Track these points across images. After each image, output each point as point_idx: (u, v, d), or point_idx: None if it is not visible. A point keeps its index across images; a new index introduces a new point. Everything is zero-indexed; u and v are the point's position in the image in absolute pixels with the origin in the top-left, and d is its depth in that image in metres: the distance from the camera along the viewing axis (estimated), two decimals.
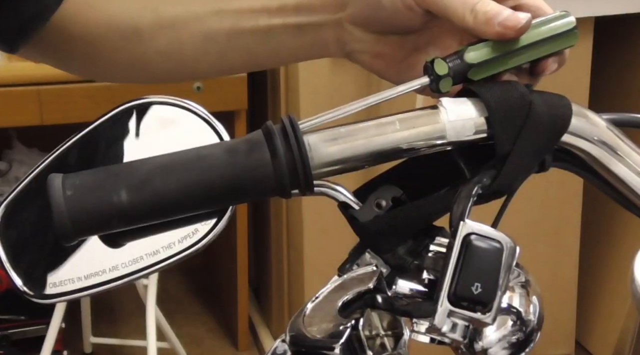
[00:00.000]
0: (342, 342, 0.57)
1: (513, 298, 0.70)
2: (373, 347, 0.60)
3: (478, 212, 0.63)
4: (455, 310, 0.53)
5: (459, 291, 0.53)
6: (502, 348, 0.68)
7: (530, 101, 0.57)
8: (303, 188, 0.56)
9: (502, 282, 0.53)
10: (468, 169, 0.59)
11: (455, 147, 0.58)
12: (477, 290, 0.53)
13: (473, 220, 0.54)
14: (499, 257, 0.53)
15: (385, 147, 0.57)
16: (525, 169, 0.57)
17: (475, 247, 0.53)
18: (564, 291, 2.43)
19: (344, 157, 0.56)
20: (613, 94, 2.41)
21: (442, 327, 0.53)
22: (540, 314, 0.68)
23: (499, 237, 0.54)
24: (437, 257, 0.56)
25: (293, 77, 2.19)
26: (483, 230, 0.54)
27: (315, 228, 2.23)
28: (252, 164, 0.55)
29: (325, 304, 0.60)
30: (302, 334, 0.59)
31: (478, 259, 0.53)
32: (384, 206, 0.59)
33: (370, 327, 0.61)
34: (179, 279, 2.93)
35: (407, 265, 0.58)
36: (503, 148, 0.56)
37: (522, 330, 0.69)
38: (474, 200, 0.56)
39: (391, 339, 0.61)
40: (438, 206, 0.59)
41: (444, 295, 0.53)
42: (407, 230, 0.59)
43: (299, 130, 0.55)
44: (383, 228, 0.59)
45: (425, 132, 0.57)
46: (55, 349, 2.16)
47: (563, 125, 0.58)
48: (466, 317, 0.53)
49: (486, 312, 0.53)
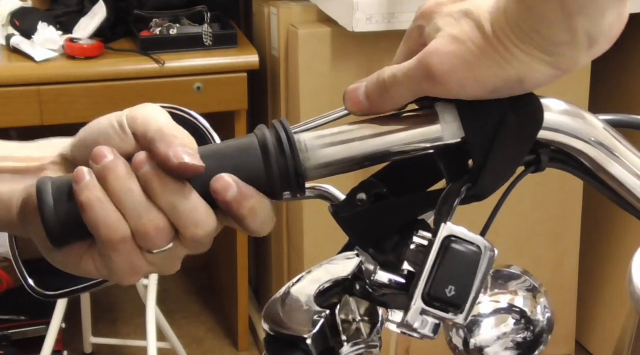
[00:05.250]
0: (314, 333, 0.59)
1: (515, 299, 0.70)
2: (348, 330, 0.61)
3: (475, 212, 0.63)
4: (427, 309, 0.54)
5: (433, 292, 0.54)
6: (504, 347, 0.68)
7: (503, 107, 0.56)
8: (294, 190, 0.56)
9: (477, 285, 0.54)
10: (447, 171, 0.59)
11: (436, 150, 0.58)
12: (450, 292, 0.54)
13: (456, 223, 0.55)
14: (476, 262, 0.54)
15: (382, 148, 0.57)
16: (501, 175, 0.57)
17: (453, 249, 0.54)
18: (564, 291, 2.43)
19: (340, 158, 0.57)
20: (613, 94, 2.41)
21: (413, 324, 0.54)
22: (549, 316, 0.68)
23: (478, 241, 0.54)
24: (417, 250, 0.57)
25: (293, 77, 2.19)
26: (463, 234, 0.54)
27: (315, 228, 2.23)
28: (243, 165, 0.55)
29: (305, 288, 0.62)
30: (278, 318, 0.60)
31: (454, 262, 0.54)
32: (365, 200, 0.60)
33: (347, 311, 0.62)
34: (179, 279, 2.94)
35: (392, 260, 0.59)
36: (479, 157, 0.57)
37: (529, 330, 0.69)
38: (460, 198, 0.56)
39: (367, 325, 0.62)
40: (419, 203, 0.59)
41: (418, 294, 0.54)
42: (388, 224, 0.59)
43: (290, 132, 0.56)
44: (363, 222, 0.59)
45: (422, 133, 0.57)
46: (55, 349, 2.16)
47: (535, 129, 0.58)
48: (438, 317, 0.54)
49: (458, 313, 0.54)
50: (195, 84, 2.23)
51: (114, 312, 2.77)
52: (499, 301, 0.70)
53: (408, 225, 0.59)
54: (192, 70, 2.25)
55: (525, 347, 0.71)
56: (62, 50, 2.25)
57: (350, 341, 0.61)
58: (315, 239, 2.24)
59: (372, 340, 0.62)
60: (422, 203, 0.59)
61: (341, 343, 0.61)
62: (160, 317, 2.23)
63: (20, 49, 2.25)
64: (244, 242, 2.46)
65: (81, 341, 2.53)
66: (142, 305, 2.16)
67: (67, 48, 2.23)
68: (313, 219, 2.24)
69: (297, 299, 0.61)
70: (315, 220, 2.23)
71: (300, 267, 2.32)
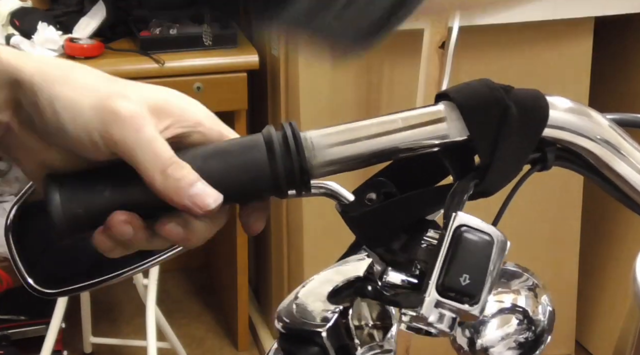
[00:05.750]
0: (328, 327, 0.58)
1: (518, 299, 0.70)
2: (361, 336, 0.61)
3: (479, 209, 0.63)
4: (442, 301, 0.54)
5: (447, 282, 0.53)
6: (507, 347, 0.68)
7: (505, 106, 0.57)
8: (300, 188, 0.56)
9: (491, 275, 0.54)
10: (453, 169, 0.59)
11: (442, 147, 0.58)
12: (465, 281, 0.53)
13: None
14: (489, 250, 0.54)
15: (389, 146, 0.57)
16: (508, 172, 0.58)
17: (466, 239, 0.54)
18: (564, 291, 2.43)
19: (347, 156, 0.57)
20: (613, 94, 2.41)
21: (429, 317, 0.54)
22: (550, 315, 0.68)
23: (490, 230, 0.54)
24: (428, 249, 0.57)
25: (293, 77, 2.19)
26: (475, 223, 0.54)
27: (315, 228, 2.23)
28: (247, 163, 0.55)
29: (317, 289, 0.61)
30: (291, 316, 0.60)
31: (468, 251, 0.54)
32: (375, 200, 0.60)
33: (359, 316, 0.62)
34: (179, 279, 2.93)
35: (401, 260, 0.58)
36: (484, 156, 0.57)
37: (530, 330, 0.69)
38: (469, 194, 0.56)
39: (380, 330, 0.62)
40: (428, 200, 0.59)
41: (433, 284, 0.54)
42: (398, 223, 0.59)
43: (297, 130, 0.56)
44: (373, 221, 0.59)
45: (429, 131, 0.57)
46: (55, 349, 2.16)
47: (540, 126, 0.58)
48: (453, 308, 0.54)
49: (473, 304, 0.54)
50: (195, 84, 2.23)
51: (114, 312, 2.77)
52: (503, 301, 0.70)
53: (417, 225, 0.58)
54: (192, 70, 2.25)
55: (527, 347, 0.71)
56: (62, 50, 2.25)
57: (363, 346, 0.61)
58: (315, 239, 2.24)
59: (387, 345, 0.61)
60: (431, 199, 0.59)
61: (355, 347, 0.60)
62: (160, 317, 2.23)
63: (21, 49, 2.25)
64: (244, 242, 2.46)
65: (81, 341, 2.53)
66: (142, 305, 2.16)
67: (67, 48, 2.23)
68: (313, 219, 2.24)
69: (311, 299, 0.61)
70: (315, 220, 2.23)
71: (300, 267, 2.32)
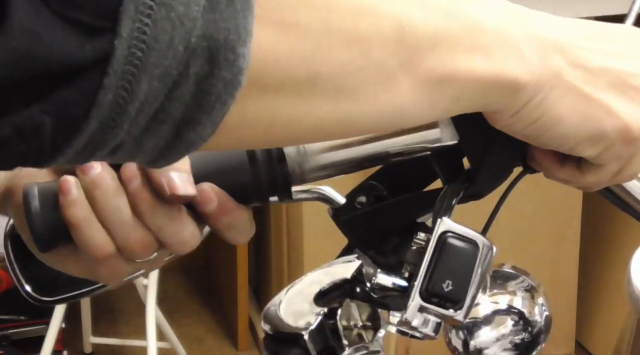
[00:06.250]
0: (311, 329, 0.59)
1: (514, 300, 0.70)
2: (350, 337, 0.61)
3: (476, 213, 0.63)
4: (426, 306, 0.54)
5: (431, 287, 0.54)
6: (503, 349, 0.68)
7: None
8: (282, 195, 0.56)
9: (476, 281, 0.54)
10: (443, 172, 0.59)
11: (433, 151, 0.58)
12: (447, 287, 0.53)
13: (455, 221, 0.55)
14: (473, 257, 0.54)
15: (381, 150, 0.57)
16: (498, 175, 0.58)
17: (450, 245, 0.54)
18: (564, 291, 2.43)
19: (339, 160, 0.57)
20: None
21: (412, 321, 0.54)
22: (547, 316, 0.68)
23: (476, 237, 0.54)
24: (417, 252, 0.57)
25: None
26: (460, 230, 0.54)
27: (315, 228, 2.23)
28: (228, 170, 0.55)
29: (305, 290, 0.62)
30: (277, 318, 0.61)
31: (451, 257, 0.54)
32: (365, 203, 0.60)
33: (348, 317, 0.62)
34: (179, 279, 2.93)
35: (392, 263, 0.59)
36: (474, 159, 0.57)
37: (527, 331, 0.69)
38: (458, 198, 0.56)
39: (370, 331, 0.62)
40: (419, 203, 0.60)
41: (416, 290, 0.54)
42: (388, 226, 0.59)
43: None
44: (363, 224, 0.60)
45: (421, 135, 0.57)
46: (55, 349, 2.16)
47: None
48: (437, 313, 0.54)
49: (457, 310, 0.54)
50: None
51: (114, 312, 2.77)
52: (498, 302, 0.70)
53: (408, 227, 0.59)
54: None
55: (524, 348, 0.71)
56: None
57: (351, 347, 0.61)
58: (315, 239, 2.24)
59: (374, 346, 0.62)
60: (421, 203, 0.59)
61: (343, 348, 0.61)
62: (160, 317, 2.23)
63: None
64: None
65: (81, 341, 2.53)
66: (142, 305, 2.16)
67: None
68: (313, 219, 2.24)
69: (297, 300, 0.61)
70: (315, 220, 2.23)
71: (300, 267, 2.32)
